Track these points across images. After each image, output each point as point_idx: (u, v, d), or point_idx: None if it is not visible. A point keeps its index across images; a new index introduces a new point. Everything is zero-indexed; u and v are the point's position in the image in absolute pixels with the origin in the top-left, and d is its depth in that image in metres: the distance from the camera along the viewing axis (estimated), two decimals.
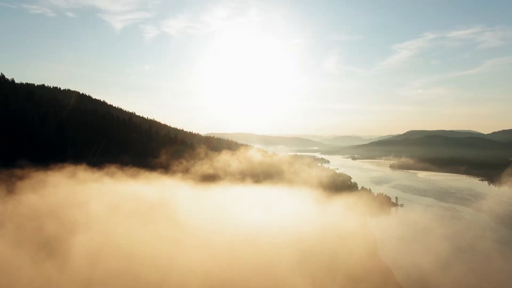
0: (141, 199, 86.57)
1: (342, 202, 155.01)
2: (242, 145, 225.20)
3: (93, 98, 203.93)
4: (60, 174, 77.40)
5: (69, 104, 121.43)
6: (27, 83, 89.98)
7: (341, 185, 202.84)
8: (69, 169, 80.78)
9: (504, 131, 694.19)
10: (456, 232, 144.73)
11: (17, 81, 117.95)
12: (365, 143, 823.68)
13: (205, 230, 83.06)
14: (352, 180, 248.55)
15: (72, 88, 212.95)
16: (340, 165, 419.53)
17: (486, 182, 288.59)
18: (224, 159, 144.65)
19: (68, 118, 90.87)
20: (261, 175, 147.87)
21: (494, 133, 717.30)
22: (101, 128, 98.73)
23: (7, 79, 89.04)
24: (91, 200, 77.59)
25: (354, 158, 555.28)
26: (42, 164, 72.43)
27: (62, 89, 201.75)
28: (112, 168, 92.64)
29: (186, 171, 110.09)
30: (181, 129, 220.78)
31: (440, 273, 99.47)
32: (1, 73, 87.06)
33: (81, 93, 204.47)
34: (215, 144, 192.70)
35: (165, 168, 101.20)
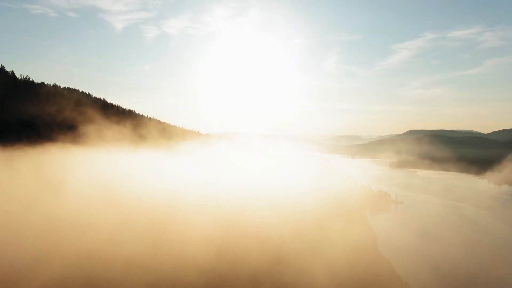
0: (140, 166, 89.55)
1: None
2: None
3: (93, 96, 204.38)
4: (58, 148, 78.88)
5: (70, 101, 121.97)
6: (27, 75, 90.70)
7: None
8: (68, 147, 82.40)
9: (503, 131, 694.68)
10: (455, 228, 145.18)
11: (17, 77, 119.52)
12: (365, 142, 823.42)
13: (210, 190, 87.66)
14: (352, 178, 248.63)
15: (72, 87, 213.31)
16: (340, 164, 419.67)
17: (485, 180, 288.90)
18: (225, 146, 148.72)
19: (68, 110, 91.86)
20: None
21: (493, 132, 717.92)
22: (100, 119, 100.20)
23: (7, 71, 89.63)
24: (92, 164, 80.00)
25: (354, 157, 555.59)
26: (41, 141, 74.15)
27: (62, 87, 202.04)
28: (112, 147, 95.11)
29: (188, 154, 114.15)
30: (181, 127, 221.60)
31: (439, 268, 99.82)
32: (1, 65, 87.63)
33: (81, 91, 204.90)
34: (215, 139, 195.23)
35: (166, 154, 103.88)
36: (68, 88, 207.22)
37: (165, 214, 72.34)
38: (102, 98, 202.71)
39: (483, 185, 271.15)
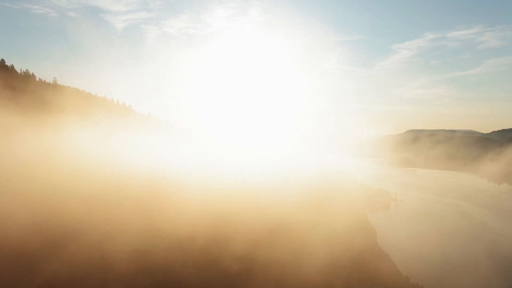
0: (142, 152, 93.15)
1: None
2: None
3: (93, 94, 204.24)
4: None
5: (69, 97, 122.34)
6: (26, 69, 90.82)
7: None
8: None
9: (503, 130, 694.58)
10: (454, 225, 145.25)
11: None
12: (365, 142, 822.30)
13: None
14: (352, 177, 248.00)
15: (72, 86, 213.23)
16: (340, 163, 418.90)
17: (485, 179, 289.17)
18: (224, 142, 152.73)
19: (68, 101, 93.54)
20: None
21: (493, 132, 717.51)
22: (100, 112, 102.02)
23: (7, 65, 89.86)
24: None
25: (354, 157, 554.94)
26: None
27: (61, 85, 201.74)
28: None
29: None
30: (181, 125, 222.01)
31: (437, 263, 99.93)
32: (1, 59, 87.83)
33: (80, 89, 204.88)
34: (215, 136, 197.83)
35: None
36: (68, 87, 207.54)
37: (164, 191, 74.06)
38: (103, 97, 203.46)
39: (483, 183, 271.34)
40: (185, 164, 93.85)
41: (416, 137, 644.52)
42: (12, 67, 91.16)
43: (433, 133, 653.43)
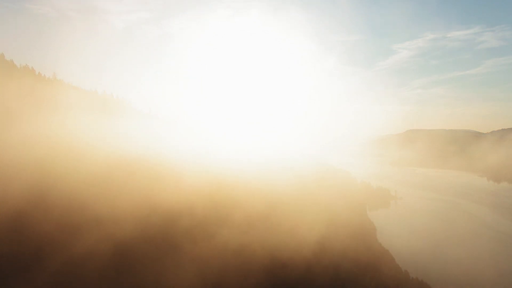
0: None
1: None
2: None
3: (93, 91, 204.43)
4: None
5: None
6: (26, 64, 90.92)
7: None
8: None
9: (502, 130, 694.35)
10: (454, 223, 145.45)
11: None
12: (365, 141, 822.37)
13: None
14: (352, 175, 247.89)
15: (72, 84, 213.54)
16: (340, 163, 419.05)
17: (485, 178, 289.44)
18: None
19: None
20: None
21: (493, 132, 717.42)
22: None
23: (7, 60, 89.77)
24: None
25: (354, 156, 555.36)
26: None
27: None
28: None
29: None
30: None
31: (436, 259, 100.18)
32: (1, 53, 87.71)
33: (81, 88, 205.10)
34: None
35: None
36: (68, 84, 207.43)
37: (164, 173, 74.95)
38: (102, 94, 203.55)
39: (483, 182, 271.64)
40: (184, 152, 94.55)
41: (416, 136, 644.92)
42: (12, 61, 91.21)
43: (433, 133, 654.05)
